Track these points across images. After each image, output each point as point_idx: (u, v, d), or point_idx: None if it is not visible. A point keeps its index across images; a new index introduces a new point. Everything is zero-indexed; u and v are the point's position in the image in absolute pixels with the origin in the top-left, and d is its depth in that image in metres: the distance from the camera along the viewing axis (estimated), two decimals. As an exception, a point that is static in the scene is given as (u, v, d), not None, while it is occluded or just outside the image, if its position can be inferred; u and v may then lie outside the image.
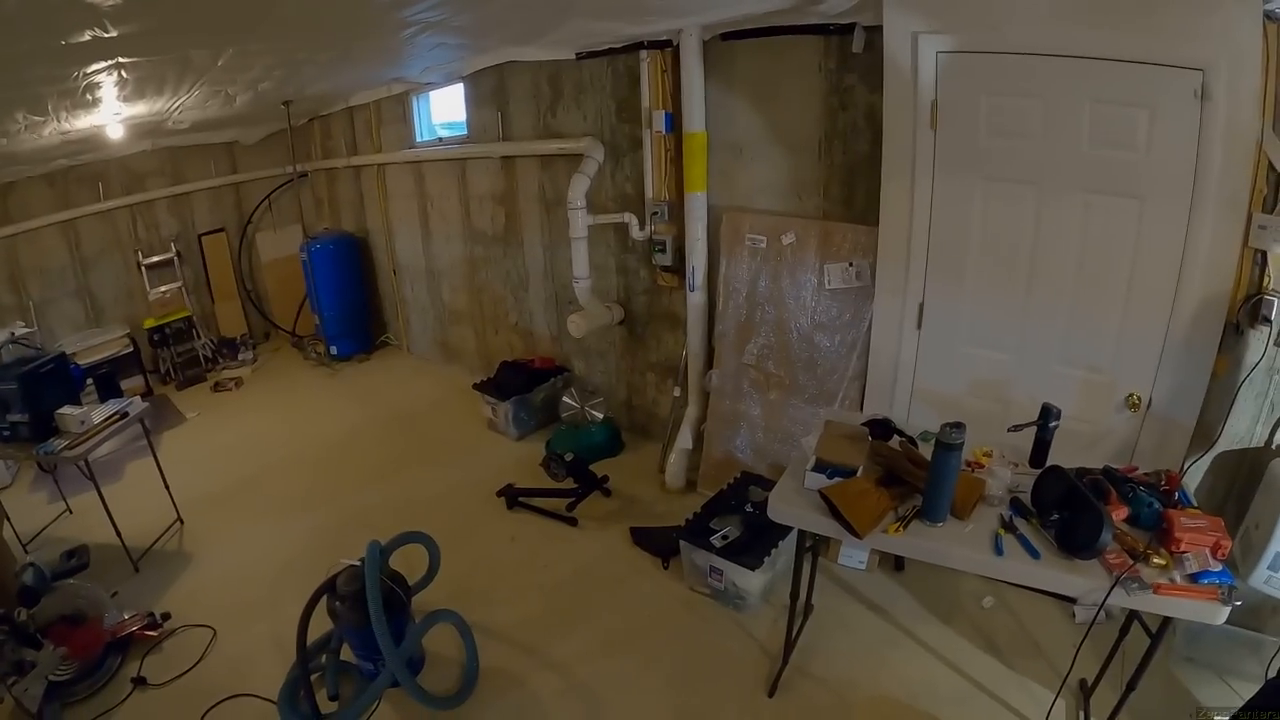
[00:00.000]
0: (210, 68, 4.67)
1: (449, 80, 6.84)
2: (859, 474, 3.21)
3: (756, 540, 4.31)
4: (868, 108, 4.26)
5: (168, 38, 3.75)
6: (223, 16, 3.49)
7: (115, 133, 6.39)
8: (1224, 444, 3.69)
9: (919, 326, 4.34)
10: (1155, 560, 2.70)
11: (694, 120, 4.86)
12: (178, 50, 4.13)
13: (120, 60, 4.01)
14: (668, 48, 4.89)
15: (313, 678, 3.73)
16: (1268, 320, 3.37)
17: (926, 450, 3.32)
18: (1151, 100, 3.38)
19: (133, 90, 4.90)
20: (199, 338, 8.64)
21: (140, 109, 5.75)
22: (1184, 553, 2.70)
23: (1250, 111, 3.20)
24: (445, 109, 7.51)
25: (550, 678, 3.99)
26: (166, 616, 4.47)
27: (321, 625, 3.78)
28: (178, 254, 8.67)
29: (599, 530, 5.24)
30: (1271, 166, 3.25)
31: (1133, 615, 3.10)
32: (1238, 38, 3.12)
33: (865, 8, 3.96)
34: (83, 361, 7.25)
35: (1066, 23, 3.42)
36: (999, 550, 2.87)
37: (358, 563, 3.66)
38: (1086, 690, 3.62)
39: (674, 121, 5.07)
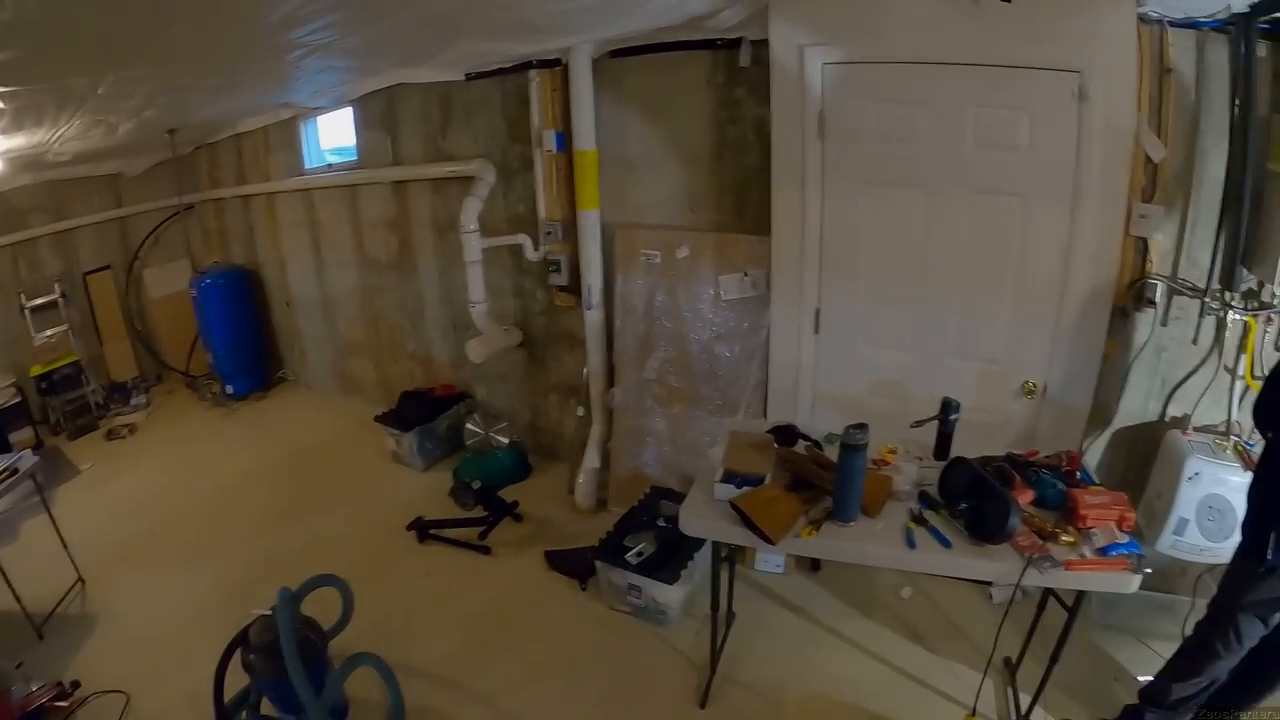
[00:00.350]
0: (90, 95, 4.47)
1: (338, 104, 6.70)
2: (767, 481, 3.23)
3: (672, 554, 4.30)
4: (756, 120, 4.33)
5: (45, 65, 3.59)
6: (104, 42, 3.35)
7: (-8, 167, 6.10)
8: (1119, 422, 3.89)
9: (816, 331, 4.42)
10: (1064, 538, 2.81)
11: (585, 138, 4.86)
12: (56, 78, 3.95)
13: (-4, 89, 3.85)
14: (557, 66, 4.89)
15: (235, 735, 3.58)
16: (1152, 303, 3.60)
17: (832, 453, 3.37)
18: (1031, 102, 3.54)
19: (10, 121, 4.69)
20: (88, 383, 8.14)
21: (19, 141, 5.50)
22: (1091, 528, 2.82)
23: (1127, 109, 3.39)
24: (334, 134, 7.35)
25: (478, 711, 3.90)
26: (76, 685, 4.18)
27: (238, 680, 3.62)
28: (62, 295, 8.14)
29: (513, 557, 5.16)
30: (1148, 159, 3.43)
31: (1049, 591, 3.20)
32: (1113, 40, 3.30)
33: (752, 23, 4.04)
34: (-33, 416, 6.87)
35: (947, 31, 3.55)
36: (911, 544, 2.94)
37: (269, 612, 3.50)
38: (1011, 667, 3.72)
39: (565, 140, 5.06)
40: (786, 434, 3.57)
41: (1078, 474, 3.16)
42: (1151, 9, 3.27)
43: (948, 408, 3.41)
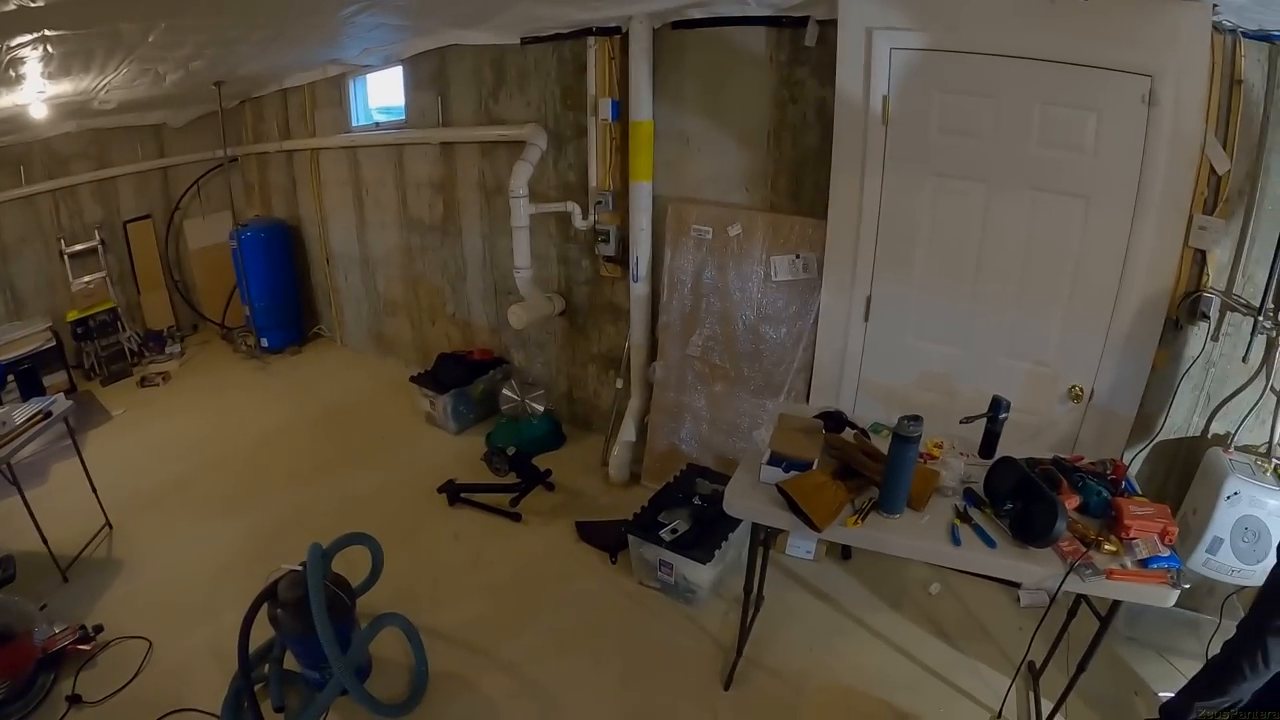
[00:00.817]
0: (140, 43, 4.50)
1: (388, 63, 6.68)
2: (814, 467, 3.21)
3: (706, 533, 4.29)
4: (818, 101, 4.28)
5: (97, 9, 3.61)
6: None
7: (38, 112, 6.13)
8: (1163, 434, 3.84)
9: (866, 319, 4.38)
10: (1106, 547, 2.77)
11: (641, 109, 4.82)
12: (107, 23, 3.97)
13: (47, 33, 3.85)
14: (616, 35, 4.85)
15: (256, 688, 3.59)
16: (1206, 316, 3.53)
17: (878, 442, 3.36)
18: (1100, 103, 3.48)
19: (58, 66, 4.71)
20: (124, 330, 8.23)
21: (66, 87, 5.53)
22: (1134, 539, 2.78)
23: (1195, 117, 3.32)
24: (383, 93, 7.33)
25: (502, 679, 3.92)
26: (99, 629, 4.23)
27: (263, 633, 3.64)
28: (102, 242, 8.25)
29: (544, 525, 5.18)
30: (1213, 170, 3.37)
31: (1079, 599, 3.19)
32: (1186, 46, 3.23)
33: (820, 1, 3.98)
34: (2, 357, 6.91)
35: (1021, 25, 3.50)
36: (956, 540, 2.91)
37: (299, 567, 3.51)
38: (1035, 672, 3.71)
39: (621, 110, 5.03)
40: (834, 420, 3.54)
41: (1122, 483, 3.12)
42: (1226, 18, 3.19)
43: (998, 406, 3.36)
